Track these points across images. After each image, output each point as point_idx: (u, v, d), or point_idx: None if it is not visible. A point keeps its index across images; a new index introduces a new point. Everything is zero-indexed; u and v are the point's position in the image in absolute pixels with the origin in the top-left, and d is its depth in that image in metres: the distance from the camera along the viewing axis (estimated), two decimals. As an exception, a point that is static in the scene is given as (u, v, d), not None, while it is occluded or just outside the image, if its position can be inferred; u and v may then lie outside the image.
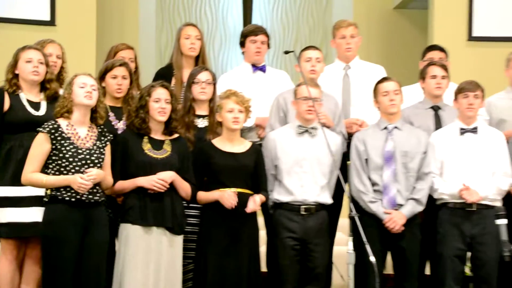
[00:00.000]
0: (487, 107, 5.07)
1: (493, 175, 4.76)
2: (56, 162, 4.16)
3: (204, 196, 4.50)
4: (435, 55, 5.38)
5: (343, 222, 4.93)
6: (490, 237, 4.60)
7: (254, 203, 4.46)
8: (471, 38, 7.00)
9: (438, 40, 6.54)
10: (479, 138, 4.80)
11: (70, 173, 4.14)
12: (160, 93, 4.40)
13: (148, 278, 4.27)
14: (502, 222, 4.48)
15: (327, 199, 4.69)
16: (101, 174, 4.19)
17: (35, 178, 4.16)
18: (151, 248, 4.29)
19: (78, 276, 4.14)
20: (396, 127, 4.78)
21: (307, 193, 4.63)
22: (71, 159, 4.15)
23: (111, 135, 4.35)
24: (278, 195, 4.65)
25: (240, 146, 4.58)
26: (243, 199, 4.47)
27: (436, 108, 5.04)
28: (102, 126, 4.33)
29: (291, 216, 4.61)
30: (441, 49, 5.46)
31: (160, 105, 4.38)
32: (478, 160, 4.76)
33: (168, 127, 4.45)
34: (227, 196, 4.41)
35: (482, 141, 4.79)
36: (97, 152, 4.22)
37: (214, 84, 4.79)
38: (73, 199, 4.12)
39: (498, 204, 4.71)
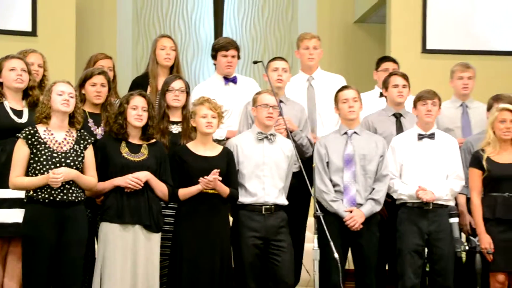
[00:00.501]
0: None
1: (447, 178, 4.81)
2: (32, 166, 4.12)
3: (183, 192, 4.43)
4: (388, 65, 5.42)
5: (309, 221, 4.92)
6: (445, 234, 4.64)
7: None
8: (424, 50, 7.08)
9: (394, 52, 6.60)
10: (435, 143, 4.84)
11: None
12: (138, 101, 4.38)
13: (127, 274, 4.23)
14: (454, 220, 4.54)
15: (284, 201, 4.69)
16: (71, 173, 4.11)
17: (19, 182, 4.13)
18: (128, 245, 4.25)
19: (56, 273, 4.09)
20: (355, 132, 4.79)
21: (268, 196, 4.61)
22: (44, 162, 4.11)
23: (92, 138, 4.31)
24: (241, 197, 4.61)
25: (213, 150, 4.55)
26: (214, 201, 4.44)
27: (398, 115, 5.08)
28: (82, 131, 4.28)
29: (253, 216, 4.58)
30: (394, 61, 5.51)
31: (137, 112, 4.36)
32: (434, 163, 4.80)
33: (145, 133, 4.42)
34: (207, 180, 4.34)
35: (438, 146, 4.83)
36: (73, 155, 4.17)
37: (187, 92, 4.76)
38: (46, 200, 4.08)
39: (452, 204, 4.77)
